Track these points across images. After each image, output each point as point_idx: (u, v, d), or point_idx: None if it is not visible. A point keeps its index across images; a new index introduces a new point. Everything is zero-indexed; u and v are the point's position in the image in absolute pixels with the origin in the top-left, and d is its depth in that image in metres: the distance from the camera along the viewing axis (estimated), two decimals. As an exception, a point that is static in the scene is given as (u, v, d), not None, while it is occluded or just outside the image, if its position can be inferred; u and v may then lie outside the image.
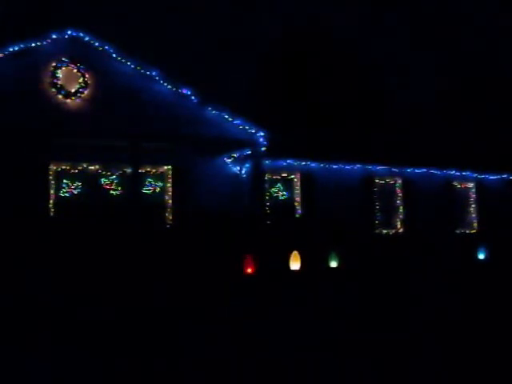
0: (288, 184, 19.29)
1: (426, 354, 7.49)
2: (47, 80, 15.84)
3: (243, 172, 18.05)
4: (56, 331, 9.02)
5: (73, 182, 16.31)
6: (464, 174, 21.96)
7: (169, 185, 17.47)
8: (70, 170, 16.38)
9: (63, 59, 15.98)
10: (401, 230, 20.68)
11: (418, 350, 7.75)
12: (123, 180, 16.75)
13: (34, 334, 8.90)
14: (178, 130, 16.51)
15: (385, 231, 20.45)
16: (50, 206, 15.70)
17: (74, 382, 6.56)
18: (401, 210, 20.79)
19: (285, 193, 19.20)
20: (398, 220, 20.76)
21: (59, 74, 15.90)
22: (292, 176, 19.36)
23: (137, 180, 15.98)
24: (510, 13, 31.43)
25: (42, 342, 8.38)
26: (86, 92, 16.15)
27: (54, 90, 15.85)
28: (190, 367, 7.10)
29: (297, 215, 19.10)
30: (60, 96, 15.90)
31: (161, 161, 17.27)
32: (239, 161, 18.03)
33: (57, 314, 10.26)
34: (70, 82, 16.00)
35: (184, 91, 17.03)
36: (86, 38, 16.33)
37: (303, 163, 19.23)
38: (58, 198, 16.04)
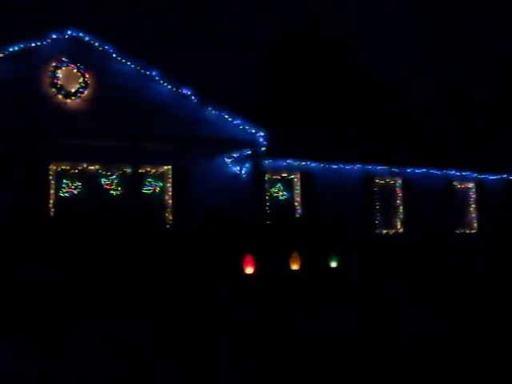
0: (288, 184, 19.28)
1: (426, 350, 7.50)
2: (47, 80, 15.86)
3: (243, 172, 18.05)
4: (61, 334, 9.03)
5: (73, 182, 16.30)
6: (464, 173, 21.96)
7: (169, 185, 17.45)
8: (70, 169, 16.36)
9: (63, 59, 15.99)
10: (401, 230, 20.68)
11: (416, 346, 7.76)
12: (123, 180, 16.72)
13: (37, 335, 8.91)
14: (178, 129, 16.51)
15: (385, 231, 20.45)
16: (50, 205, 15.70)
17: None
18: (401, 210, 20.79)
19: (285, 193, 19.19)
20: (398, 220, 20.76)
21: (59, 74, 15.92)
22: (292, 176, 19.36)
23: (137, 180, 15.97)
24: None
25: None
26: (85, 92, 16.17)
27: (54, 89, 15.87)
28: (190, 368, 7.10)
29: (297, 215, 19.09)
30: (60, 96, 15.93)
31: (161, 161, 17.24)
32: (239, 161, 18.02)
33: (56, 314, 10.26)
34: (70, 82, 16.02)
35: (184, 91, 17.05)
36: (86, 38, 16.35)
37: (303, 163, 19.22)
38: (57, 198, 16.02)
